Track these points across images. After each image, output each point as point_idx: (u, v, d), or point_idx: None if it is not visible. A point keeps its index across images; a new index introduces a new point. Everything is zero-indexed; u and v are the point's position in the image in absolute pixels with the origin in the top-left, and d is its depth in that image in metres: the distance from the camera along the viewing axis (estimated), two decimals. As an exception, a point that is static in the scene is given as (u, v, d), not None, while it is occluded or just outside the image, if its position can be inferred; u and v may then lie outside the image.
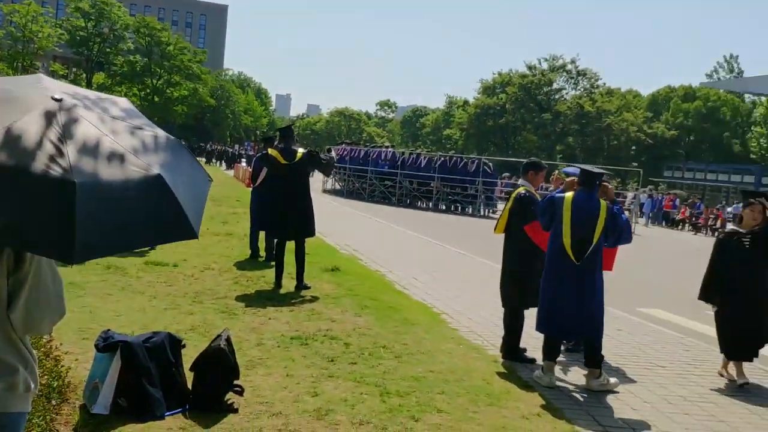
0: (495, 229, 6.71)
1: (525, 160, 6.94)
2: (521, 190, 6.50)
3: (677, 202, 37.50)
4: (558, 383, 5.82)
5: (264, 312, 7.27)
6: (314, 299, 8.13)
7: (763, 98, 64.15)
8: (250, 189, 11.91)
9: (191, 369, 4.65)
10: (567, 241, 5.75)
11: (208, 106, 77.59)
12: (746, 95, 71.79)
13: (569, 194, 5.90)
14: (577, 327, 5.85)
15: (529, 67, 78.15)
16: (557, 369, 6.01)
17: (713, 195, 60.70)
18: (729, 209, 36.56)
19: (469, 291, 9.82)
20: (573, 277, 5.77)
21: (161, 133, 2.00)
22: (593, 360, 5.81)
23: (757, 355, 6.45)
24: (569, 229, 5.76)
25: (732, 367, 6.46)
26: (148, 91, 67.74)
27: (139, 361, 4.38)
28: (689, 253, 21.51)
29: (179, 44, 68.37)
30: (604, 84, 79.05)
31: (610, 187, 6.28)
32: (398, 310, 7.85)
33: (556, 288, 5.85)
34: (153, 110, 60.55)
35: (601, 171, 6.05)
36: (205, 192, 2.09)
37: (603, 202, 5.83)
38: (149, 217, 1.86)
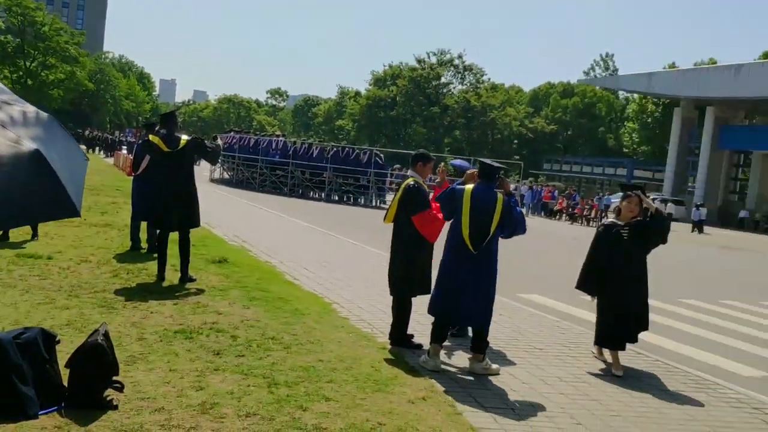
0: (384, 218, 6.80)
1: (414, 152, 7.06)
2: (410, 181, 6.60)
3: (555, 193, 39.36)
4: (443, 367, 5.99)
5: (146, 306, 7.01)
6: (200, 292, 7.91)
7: (635, 95, 68.34)
8: (131, 177, 11.43)
9: (66, 366, 4.43)
10: (465, 231, 5.95)
11: (86, 91, 73.99)
12: (620, 92, 76.31)
13: (469, 186, 6.12)
14: (471, 314, 6.05)
15: (419, 61, 79.52)
16: (442, 353, 6.18)
17: (589, 187, 64.17)
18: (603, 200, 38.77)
19: (360, 280, 9.90)
20: (470, 266, 5.96)
21: (31, 108, 1.89)
22: (480, 346, 6.02)
23: (635, 341, 6.79)
24: (468, 219, 5.96)
25: (606, 350, 6.83)
26: (21, 73, 63.76)
27: (9, 358, 4.13)
28: (566, 241, 22.67)
29: (55, 25, 64.75)
30: (489, 79, 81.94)
31: (507, 180, 6.52)
32: (288, 301, 7.79)
33: (453, 275, 6.03)
34: (26, 94, 56.85)
35: (500, 165, 6.29)
36: (83, 169, 1.99)
37: (500, 195, 6.06)
38: (26, 193, 1.74)
